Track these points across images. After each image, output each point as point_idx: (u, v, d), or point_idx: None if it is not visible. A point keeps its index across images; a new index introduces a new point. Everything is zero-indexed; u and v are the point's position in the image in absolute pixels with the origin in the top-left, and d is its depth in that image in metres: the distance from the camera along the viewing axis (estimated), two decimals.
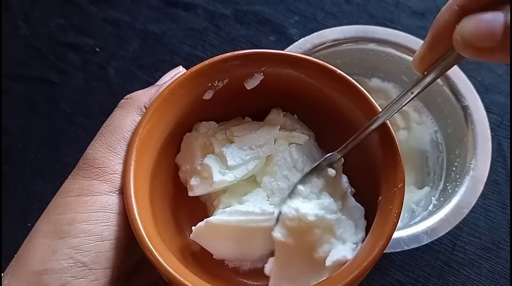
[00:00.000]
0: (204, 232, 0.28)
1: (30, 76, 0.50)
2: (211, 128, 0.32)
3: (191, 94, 0.29)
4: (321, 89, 0.29)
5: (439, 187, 0.40)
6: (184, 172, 0.31)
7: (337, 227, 0.27)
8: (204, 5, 0.53)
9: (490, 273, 0.42)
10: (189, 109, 0.30)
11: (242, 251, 0.30)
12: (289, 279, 0.28)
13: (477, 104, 0.39)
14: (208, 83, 0.29)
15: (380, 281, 0.41)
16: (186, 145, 0.31)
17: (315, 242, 0.27)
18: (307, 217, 0.27)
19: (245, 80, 0.30)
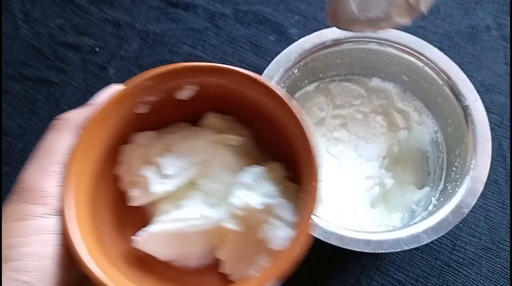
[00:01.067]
0: (146, 240, 0.30)
1: (30, 76, 0.50)
2: (148, 139, 0.33)
3: (125, 110, 0.31)
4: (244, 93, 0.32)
5: (439, 187, 0.40)
6: (124, 182, 0.33)
7: (277, 210, 0.30)
8: (204, 5, 0.53)
9: (490, 273, 0.42)
10: (125, 123, 0.31)
11: (185, 253, 0.32)
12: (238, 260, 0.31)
13: (477, 104, 0.39)
14: (142, 99, 0.31)
15: (380, 281, 0.41)
16: (124, 157, 0.33)
17: (260, 225, 0.30)
18: (253, 205, 0.29)
19: (176, 92, 0.32)
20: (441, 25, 0.52)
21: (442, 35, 0.51)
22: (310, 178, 0.28)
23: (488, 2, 0.53)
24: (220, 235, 0.32)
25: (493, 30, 0.52)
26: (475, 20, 0.52)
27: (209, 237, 0.31)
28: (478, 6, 0.53)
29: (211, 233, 0.31)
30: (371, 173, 0.41)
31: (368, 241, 0.34)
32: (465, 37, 0.51)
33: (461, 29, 0.52)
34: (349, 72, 0.45)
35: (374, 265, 0.42)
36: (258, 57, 0.51)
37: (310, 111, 0.44)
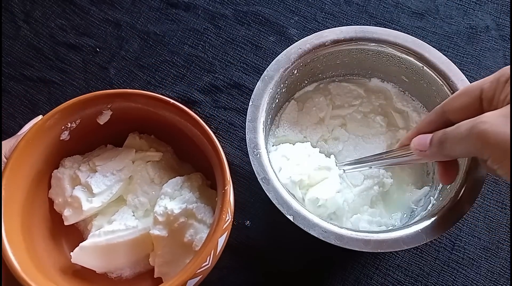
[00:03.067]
0: (81, 255, 0.34)
1: (31, 76, 0.50)
2: (76, 162, 0.37)
3: (48, 138, 0.34)
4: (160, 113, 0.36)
5: (438, 187, 0.40)
6: (57, 205, 0.36)
7: (198, 213, 0.35)
8: (205, 5, 0.53)
9: (489, 273, 0.42)
10: (51, 150, 0.35)
11: (119, 261, 0.35)
12: (168, 264, 0.34)
13: None
14: (62, 126, 0.34)
15: (380, 281, 0.41)
16: (55, 181, 0.36)
17: (183, 229, 0.34)
18: (173, 210, 0.34)
19: (96, 117, 0.36)
20: (440, 26, 0.52)
21: (441, 36, 0.51)
22: (223, 183, 0.32)
23: (488, 2, 0.53)
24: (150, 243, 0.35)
25: (492, 30, 0.52)
26: (474, 20, 0.52)
27: (139, 246, 0.35)
28: (478, 6, 0.53)
29: (141, 242, 0.35)
30: (370, 173, 0.41)
31: (367, 241, 0.34)
32: (465, 37, 0.51)
33: (461, 30, 0.52)
34: (348, 73, 0.45)
35: (373, 265, 0.42)
36: (258, 57, 0.51)
37: (310, 111, 0.44)
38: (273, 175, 0.36)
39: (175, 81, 0.50)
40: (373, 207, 0.41)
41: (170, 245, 0.35)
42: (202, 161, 0.36)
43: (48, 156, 0.35)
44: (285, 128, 0.43)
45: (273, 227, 0.43)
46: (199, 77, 0.50)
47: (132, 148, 0.39)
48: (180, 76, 0.50)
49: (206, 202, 0.36)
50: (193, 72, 0.50)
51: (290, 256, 0.42)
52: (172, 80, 0.50)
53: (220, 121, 0.48)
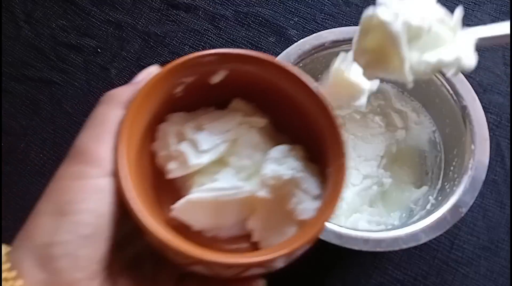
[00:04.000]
0: (183, 209, 0.32)
1: (32, 76, 0.51)
2: (182, 118, 0.36)
3: (165, 89, 0.33)
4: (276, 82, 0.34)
5: (437, 186, 0.40)
6: (160, 158, 0.35)
7: (303, 183, 0.33)
8: (205, 6, 0.53)
9: (488, 272, 0.42)
10: (163, 102, 0.33)
11: (218, 221, 0.34)
12: (267, 229, 0.33)
13: (475, 104, 0.39)
14: (179, 80, 0.33)
15: (379, 279, 0.42)
16: (161, 134, 0.35)
17: (288, 196, 0.32)
18: (282, 175, 0.32)
19: (210, 76, 0.34)
20: None
21: None
22: (338, 155, 0.30)
23: (487, 2, 0.53)
24: (251, 206, 0.33)
25: None
26: (473, 21, 0.52)
27: (241, 207, 0.33)
28: (477, 6, 0.53)
29: (243, 203, 0.33)
30: (369, 172, 0.42)
31: (366, 240, 0.34)
32: None
33: None
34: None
35: (372, 264, 0.42)
36: None
37: None
38: None
39: None
40: (372, 206, 0.41)
41: (273, 210, 0.33)
42: (304, 133, 0.34)
43: (159, 108, 0.34)
44: None
45: None
46: None
47: (237, 111, 0.37)
48: None
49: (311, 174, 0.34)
50: None
51: None
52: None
53: None
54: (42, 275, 0.23)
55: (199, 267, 0.28)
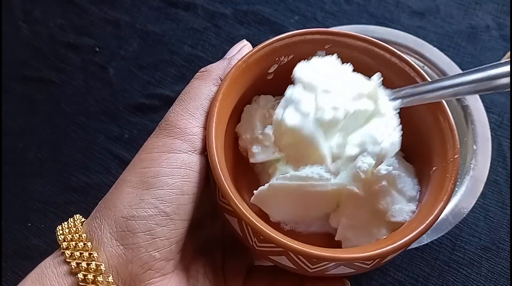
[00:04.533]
0: (265, 195, 0.30)
1: (31, 76, 0.50)
2: (269, 101, 0.33)
3: (260, 67, 0.31)
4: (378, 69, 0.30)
5: None
6: (244, 140, 0.33)
7: (398, 182, 0.29)
8: (204, 5, 0.53)
9: (490, 273, 0.42)
10: (254, 81, 0.31)
11: (299, 213, 0.31)
12: (353, 228, 0.30)
13: (477, 104, 0.39)
14: (276, 58, 0.31)
15: (380, 281, 0.41)
16: (246, 116, 0.33)
17: (381, 194, 0.29)
18: (380, 170, 0.28)
19: (308, 57, 0.31)
20: (441, 25, 0.52)
21: (442, 35, 0.51)
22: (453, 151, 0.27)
23: (488, 2, 0.53)
24: (338, 201, 0.30)
25: (493, 30, 0.52)
26: (475, 20, 0.52)
27: (326, 201, 0.30)
28: (478, 6, 0.53)
29: (329, 197, 0.30)
30: None
31: None
32: (465, 37, 0.51)
33: (461, 29, 0.52)
34: None
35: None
36: None
37: None
38: None
39: (175, 81, 0.50)
40: None
41: (362, 207, 0.30)
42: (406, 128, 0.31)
43: (250, 87, 0.32)
44: None
45: None
46: None
47: None
48: (180, 75, 0.50)
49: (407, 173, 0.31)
50: (193, 72, 0.50)
51: None
52: (171, 80, 0.50)
53: None
54: (119, 250, 0.23)
55: (283, 258, 0.26)
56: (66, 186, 0.45)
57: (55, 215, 0.44)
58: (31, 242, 0.43)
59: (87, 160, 0.46)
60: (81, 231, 0.23)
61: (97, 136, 0.47)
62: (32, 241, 0.43)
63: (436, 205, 0.26)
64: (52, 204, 0.45)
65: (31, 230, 0.44)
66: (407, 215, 0.28)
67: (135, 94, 0.49)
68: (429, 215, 0.26)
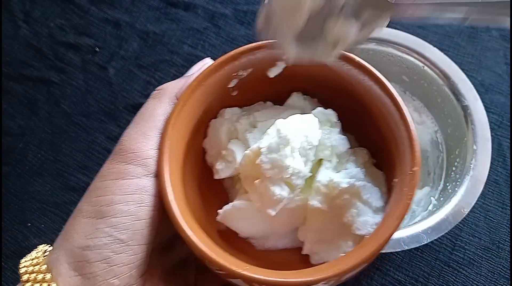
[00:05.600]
0: (230, 214, 0.30)
1: (30, 76, 0.50)
2: (235, 114, 0.33)
3: (217, 83, 0.30)
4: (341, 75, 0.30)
5: (439, 187, 0.40)
6: (210, 156, 0.33)
7: (363, 193, 0.29)
8: (204, 5, 0.53)
9: (490, 273, 0.42)
10: (215, 97, 0.31)
11: (266, 229, 0.31)
12: (320, 242, 0.30)
13: (477, 104, 0.39)
14: (233, 73, 0.31)
15: (380, 281, 0.41)
16: (212, 131, 0.33)
17: (344, 207, 0.29)
18: (340, 184, 0.28)
19: (268, 68, 0.31)
20: (441, 25, 0.52)
21: (442, 35, 0.51)
22: (411, 163, 0.26)
23: None
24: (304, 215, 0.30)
25: (493, 30, 0.51)
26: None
27: (292, 217, 0.30)
28: None
29: (295, 212, 0.30)
30: None
31: None
32: (465, 37, 0.51)
33: (461, 29, 0.52)
34: None
35: (374, 265, 0.42)
36: None
37: None
38: None
39: None
40: None
41: (327, 221, 0.30)
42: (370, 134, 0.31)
43: (211, 103, 0.31)
44: None
45: None
46: None
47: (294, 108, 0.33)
48: (180, 75, 0.49)
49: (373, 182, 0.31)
50: None
51: None
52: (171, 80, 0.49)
53: None
54: (77, 280, 0.23)
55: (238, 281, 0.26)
56: (66, 186, 0.45)
57: (55, 215, 0.44)
58: (31, 242, 0.43)
59: (87, 160, 0.46)
60: (42, 262, 0.23)
61: (97, 136, 0.47)
62: (32, 241, 0.43)
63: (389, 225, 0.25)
64: (52, 204, 0.45)
65: (31, 230, 0.44)
66: (371, 228, 0.27)
67: (135, 94, 0.49)
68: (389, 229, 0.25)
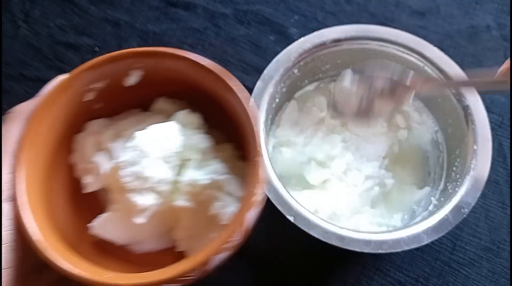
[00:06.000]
0: (102, 225, 0.31)
1: (30, 76, 0.50)
2: (101, 126, 0.34)
3: (72, 98, 0.31)
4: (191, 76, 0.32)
5: (439, 187, 0.40)
6: (79, 170, 0.33)
7: (226, 185, 0.31)
8: (204, 4, 0.53)
9: (490, 273, 0.42)
10: (74, 112, 0.32)
11: (141, 233, 0.32)
12: (192, 237, 0.32)
13: (477, 104, 0.39)
14: (88, 86, 0.31)
15: (380, 281, 0.41)
16: (78, 145, 0.33)
17: (210, 201, 0.31)
18: (201, 181, 0.31)
19: (125, 78, 0.32)
20: (441, 25, 0.52)
21: (442, 35, 0.51)
22: (254, 154, 0.28)
23: (488, 2, 0.53)
24: (175, 216, 0.32)
25: (493, 30, 0.51)
26: (475, 20, 0.52)
27: (163, 218, 0.32)
28: (478, 6, 0.53)
29: (166, 214, 0.32)
30: (371, 173, 0.41)
31: (368, 242, 0.33)
32: (466, 37, 0.51)
33: (462, 29, 0.51)
34: None
35: (374, 265, 0.42)
36: (258, 57, 0.50)
37: (310, 111, 0.44)
38: (273, 176, 0.35)
39: None
40: (374, 207, 0.41)
41: (195, 217, 0.32)
42: (234, 129, 0.33)
43: (72, 118, 0.32)
44: (286, 128, 0.43)
45: (273, 227, 0.43)
46: None
47: (160, 113, 0.35)
48: None
49: (237, 174, 0.33)
50: None
51: (290, 257, 0.42)
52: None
53: None
54: None
55: None
56: None
57: None
58: None
59: None
60: None
61: None
62: None
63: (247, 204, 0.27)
64: None
65: None
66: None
67: None
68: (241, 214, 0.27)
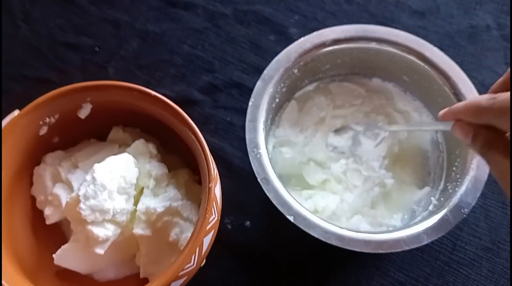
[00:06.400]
0: (63, 257, 0.32)
1: (30, 76, 0.50)
2: (58, 157, 0.35)
3: (26, 133, 0.33)
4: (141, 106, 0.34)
5: (439, 187, 0.40)
6: (39, 202, 0.35)
7: (183, 211, 0.33)
8: (204, 4, 0.53)
9: (490, 273, 0.42)
10: (30, 146, 0.33)
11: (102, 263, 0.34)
12: (153, 263, 0.33)
13: None
14: (39, 121, 0.33)
15: (380, 281, 0.41)
16: (37, 178, 0.35)
17: (168, 228, 0.33)
18: (156, 209, 0.32)
19: (76, 111, 0.34)
20: (441, 25, 0.52)
21: (442, 35, 0.51)
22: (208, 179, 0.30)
23: (488, 2, 0.53)
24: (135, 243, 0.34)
25: (493, 30, 0.51)
26: (475, 20, 0.52)
27: (124, 247, 0.33)
28: (478, 6, 0.53)
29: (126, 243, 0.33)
30: (371, 173, 0.41)
31: (368, 242, 0.33)
32: (466, 37, 0.51)
33: (462, 29, 0.51)
34: (349, 72, 0.45)
35: (374, 265, 0.42)
36: (258, 56, 0.50)
37: (310, 111, 0.44)
38: (273, 176, 0.35)
39: (175, 81, 0.49)
40: (374, 207, 0.41)
41: (154, 244, 0.33)
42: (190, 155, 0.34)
43: (28, 152, 0.33)
44: (286, 128, 0.43)
45: (273, 227, 0.43)
46: (199, 76, 0.50)
47: (116, 142, 0.37)
48: (180, 75, 0.50)
49: (193, 199, 0.35)
50: (192, 72, 0.50)
51: (290, 257, 0.42)
52: (171, 80, 0.50)
53: (220, 121, 0.47)
54: None
55: None
56: None
57: None
58: None
59: None
60: None
61: None
62: None
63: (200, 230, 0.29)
64: None
65: None
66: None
67: None
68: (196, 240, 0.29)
